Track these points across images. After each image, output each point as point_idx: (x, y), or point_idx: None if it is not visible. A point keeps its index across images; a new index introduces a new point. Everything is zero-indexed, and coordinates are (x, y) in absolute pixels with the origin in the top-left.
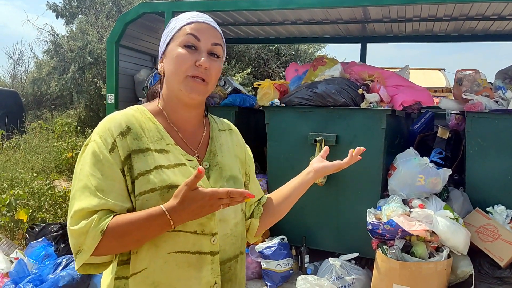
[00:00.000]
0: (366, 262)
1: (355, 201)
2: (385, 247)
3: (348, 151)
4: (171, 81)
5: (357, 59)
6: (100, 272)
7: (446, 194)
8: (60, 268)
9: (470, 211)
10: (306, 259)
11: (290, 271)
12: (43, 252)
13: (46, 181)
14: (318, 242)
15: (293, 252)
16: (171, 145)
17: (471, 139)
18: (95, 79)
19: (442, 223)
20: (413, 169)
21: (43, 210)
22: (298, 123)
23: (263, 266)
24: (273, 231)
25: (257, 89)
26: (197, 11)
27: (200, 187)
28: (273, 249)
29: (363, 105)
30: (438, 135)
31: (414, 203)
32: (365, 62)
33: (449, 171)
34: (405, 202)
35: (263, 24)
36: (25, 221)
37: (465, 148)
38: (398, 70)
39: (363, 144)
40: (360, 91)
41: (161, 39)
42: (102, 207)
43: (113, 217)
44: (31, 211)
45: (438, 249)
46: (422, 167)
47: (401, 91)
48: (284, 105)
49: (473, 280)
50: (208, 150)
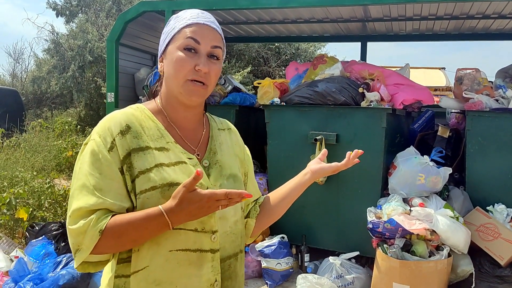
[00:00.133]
0: (366, 261)
1: (356, 200)
2: (385, 246)
3: (348, 150)
4: (171, 83)
5: (358, 58)
6: (98, 270)
7: (446, 193)
8: (60, 266)
9: (470, 210)
10: (306, 257)
11: (290, 270)
12: (43, 250)
13: (46, 179)
14: (318, 240)
15: (293, 250)
16: (171, 143)
17: (472, 138)
18: (95, 78)
19: (442, 222)
20: (413, 168)
21: (43, 208)
22: (298, 122)
23: (263, 264)
24: (273, 229)
25: (257, 87)
26: (198, 9)
27: (198, 189)
28: (273, 247)
29: (363, 104)
30: (438, 134)
31: (414, 202)
32: (366, 60)
33: (449, 170)
34: (406, 201)
35: (263, 22)
36: (25, 219)
37: (466, 147)
38: (398, 69)
39: (363, 142)
40: (360, 90)
41: (161, 38)
42: (100, 206)
43: (111, 217)
44: (31, 209)
45: (438, 248)
46: (422, 166)
47: (402, 90)
48: (284, 104)
49: (474, 279)
50: (208, 148)
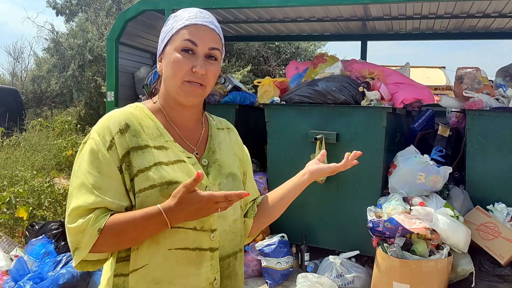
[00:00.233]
0: (366, 260)
1: (356, 199)
2: (385, 245)
3: (348, 149)
4: (168, 84)
5: (358, 57)
6: (97, 268)
7: (446, 192)
8: (60, 265)
9: (470, 209)
10: (306, 257)
11: (290, 269)
12: (43, 249)
13: (46, 179)
14: (318, 240)
15: (293, 250)
16: (170, 142)
17: (472, 137)
18: (95, 77)
19: (442, 221)
20: (413, 167)
21: (43, 208)
22: (298, 121)
23: (263, 264)
24: (273, 229)
25: (257, 87)
26: (197, 7)
27: (198, 190)
28: (273, 247)
29: (363, 103)
30: (438, 133)
31: (414, 201)
32: (366, 59)
33: (449, 169)
34: (406, 200)
35: (263, 21)
36: (25, 218)
37: (466, 146)
38: (398, 68)
39: (363, 141)
40: (360, 89)
41: (160, 37)
42: (98, 205)
43: (110, 216)
44: (31, 208)
45: (438, 247)
46: (422, 165)
47: (402, 89)
48: (284, 103)
49: (474, 278)
50: (207, 147)
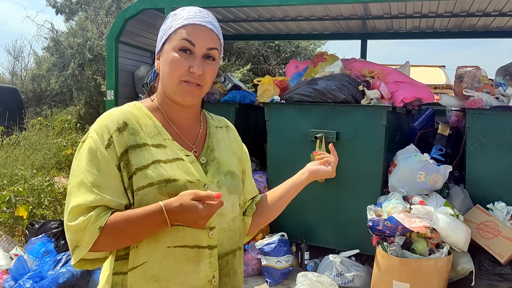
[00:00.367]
0: (366, 258)
1: (356, 198)
2: (385, 243)
3: (348, 148)
4: (166, 83)
5: (358, 56)
6: (96, 267)
7: (446, 190)
8: (60, 264)
9: (470, 208)
10: (306, 255)
11: (290, 268)
12: (43, 248)
13: (46, 177)
14: (318, 238)
15: (293, 248)
16: (168, 140)
17: (472, 136)
18: (95, 76)
19: (442, 219)
20: (413, 165)
21: (43, 206)
22: (298, 120)
23: (263, 262)
24: (273, 227)
25: (257, 85)
26: (197, 6)
27: (201, 203)
28: (273, 245)
29: (363, 102)
30: (438, 131)
31: (414, 200)
32: (366, 58)
33: (449, 168)
34: (406, 199)
35: (263, 20)
36: (25, 217)
37: (466, 144)
38: (398, 66)
39: (363, 140)
40: (360, 88)
41: (158, 35)
42: (98, 203)
43: (111, 214)
44: (31, 207)
45: (438, 246)
46: (422, 164)
47: (402, 88)
48: (284, 102)
49: (473, 276)
50: (205, 145)
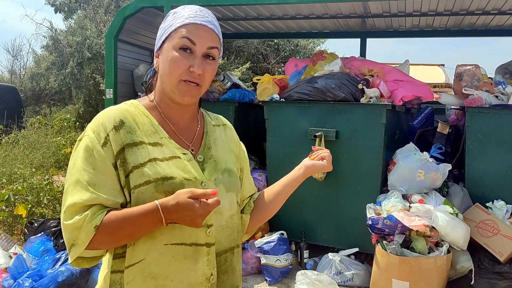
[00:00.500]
0: (365, 257)
1: (355, 196)
2: (384, 242)
3: (348, 146)
4: (165, 82)
5: (357, 54)
6: (93, 265)
7: (446, 189)
8: (59, 263)
9: (469, 206)
10: (305, 254)
11: (289, 266)
12: (42, 247)
13: (45, 176)
14: (317, 237)
15: (293, 247)
16: (165, 138)
17: (471, 134)
18: (94, 75)
19: (441, 218)
20: (413, 164)
21: (42, 205)
22: (297, 118)
23: (263, 261)
24: (272, 226)
25: (257, 84)
26: (197, 5)
27: (197, 201)
28: (272, 244)
29: (363, 100)
30: (438, 130)
31: (413, 198)
32: (365, 57)
33: (449, 166)
34: (405, 197)
35: (263, 18)
36: (24, 216)
37: (465, 143)
38: (398, 65)
39: (363, 139)
40: (360, 86)
41: (158, 33)
42: (93, 202)
43: (107, 213)
44: (30, 206)
45: (437, 244)
46: (422, 162)
47: (401, 86)
48: (283, 100)
49: (473, 275)
50: (202, 143)
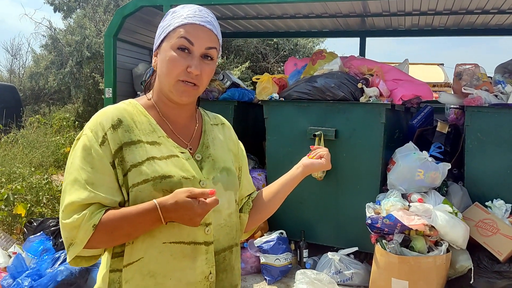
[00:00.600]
0: (365, 256)
1: (354, 196)
2: (384, 241)
3: (347, 146)
4: (162, 81)
5: (356, 54)
6: (91, 264)
7: (445, 188)
8: (58, 262)
9: (469, 206)
10: (305, 253)
11: (289, 266)
12: (41, 246)
13: (44, 175)
14: (317, 236)
15: (292, 246)
16: (163, 137)
17: (471, 134)
18: (93, 74)
19: (441, 217)
20: (412, 163)
21: (41, 204)
22: (297, 118)
23: (262, 260)
24: (272, 225)
25: (256, 83)
26: (196, 4)
27: (196, 200)
28: (272, 243)
29: (362, 99)
30: (437, 129)
31: (413, 198)
32: (365, 56)
33: (448, 166)
34: (404, 196)
35: (262, 18)
36: (23, 215)
37: (465, 142)
38: (397, 64)
39: (362, 138)
40: (359, 85)
41: (157, 32)
42: (92, 201)
43: (105, 212)
44: (29, 205)
45: (437, 244)
46: (421, 162)
47: (401, 85)
48: (283, 100)
49: (472, 274)
50: (200, 142)
